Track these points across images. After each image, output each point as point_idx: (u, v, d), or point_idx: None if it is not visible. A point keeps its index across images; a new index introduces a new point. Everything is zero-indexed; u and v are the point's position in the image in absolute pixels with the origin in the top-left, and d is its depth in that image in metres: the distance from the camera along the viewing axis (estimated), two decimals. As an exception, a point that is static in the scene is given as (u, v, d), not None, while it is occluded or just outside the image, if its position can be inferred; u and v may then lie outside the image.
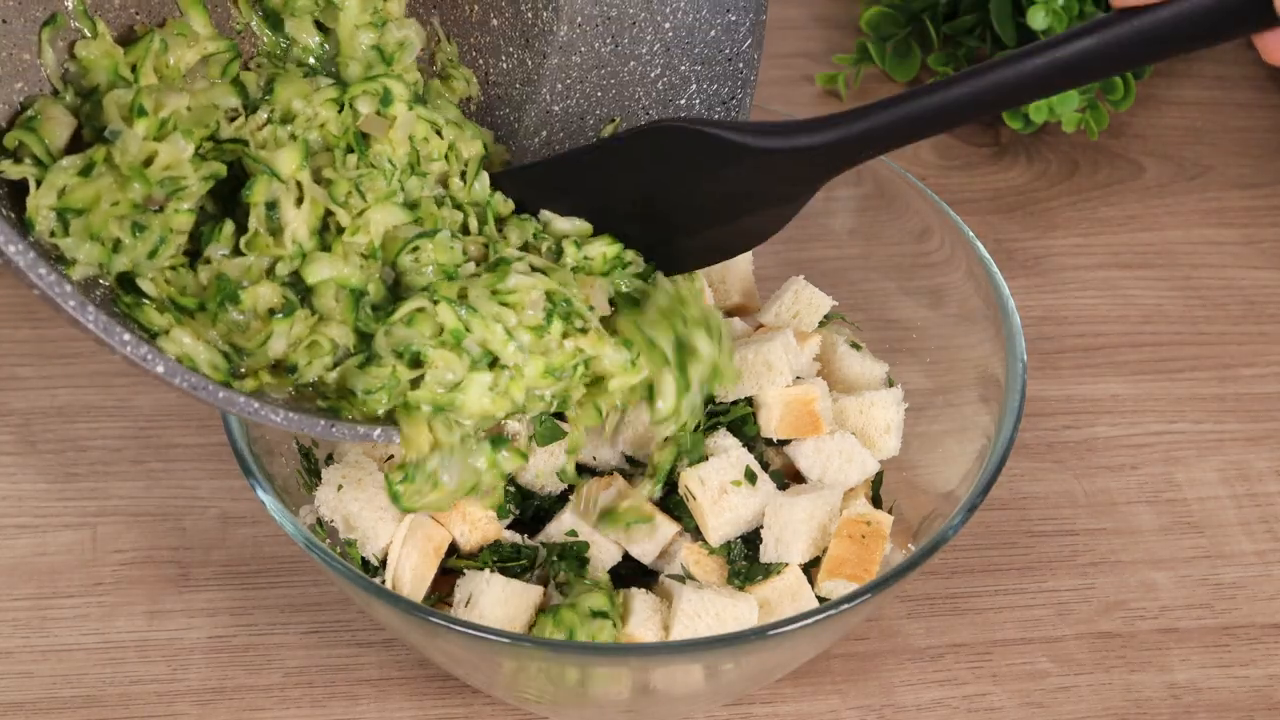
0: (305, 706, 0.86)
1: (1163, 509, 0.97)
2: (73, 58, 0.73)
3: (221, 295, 0.71)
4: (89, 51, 0.73)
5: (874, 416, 0.85)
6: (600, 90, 0.86)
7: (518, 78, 0.86)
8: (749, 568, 0.81)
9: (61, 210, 0.69)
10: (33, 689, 0.86)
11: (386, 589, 0.74)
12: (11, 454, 0.97)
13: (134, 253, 0.70)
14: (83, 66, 0.73)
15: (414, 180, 0.77)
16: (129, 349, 0.64)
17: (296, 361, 0.72)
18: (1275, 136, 1.23)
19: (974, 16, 1.23)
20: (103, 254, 0.70)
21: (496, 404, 0.74)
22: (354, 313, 0.73)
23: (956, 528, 0.76)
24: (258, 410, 0.68)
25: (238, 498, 0.95)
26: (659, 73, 0.85)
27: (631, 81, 0.86)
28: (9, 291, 1.06)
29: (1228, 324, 1.08)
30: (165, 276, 0.71)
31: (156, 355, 0.65)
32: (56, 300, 0.62)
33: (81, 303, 0.63)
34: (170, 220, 0.71)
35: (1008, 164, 1.20)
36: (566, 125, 0.87)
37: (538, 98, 0.86)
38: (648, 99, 0.86)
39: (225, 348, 0.71)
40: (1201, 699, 0.88)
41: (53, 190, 0.69)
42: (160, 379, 0.65)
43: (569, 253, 0.78)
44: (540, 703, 0.81)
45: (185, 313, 0.71)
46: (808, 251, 0.95)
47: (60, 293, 0.62)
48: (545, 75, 0.86)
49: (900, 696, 0.87)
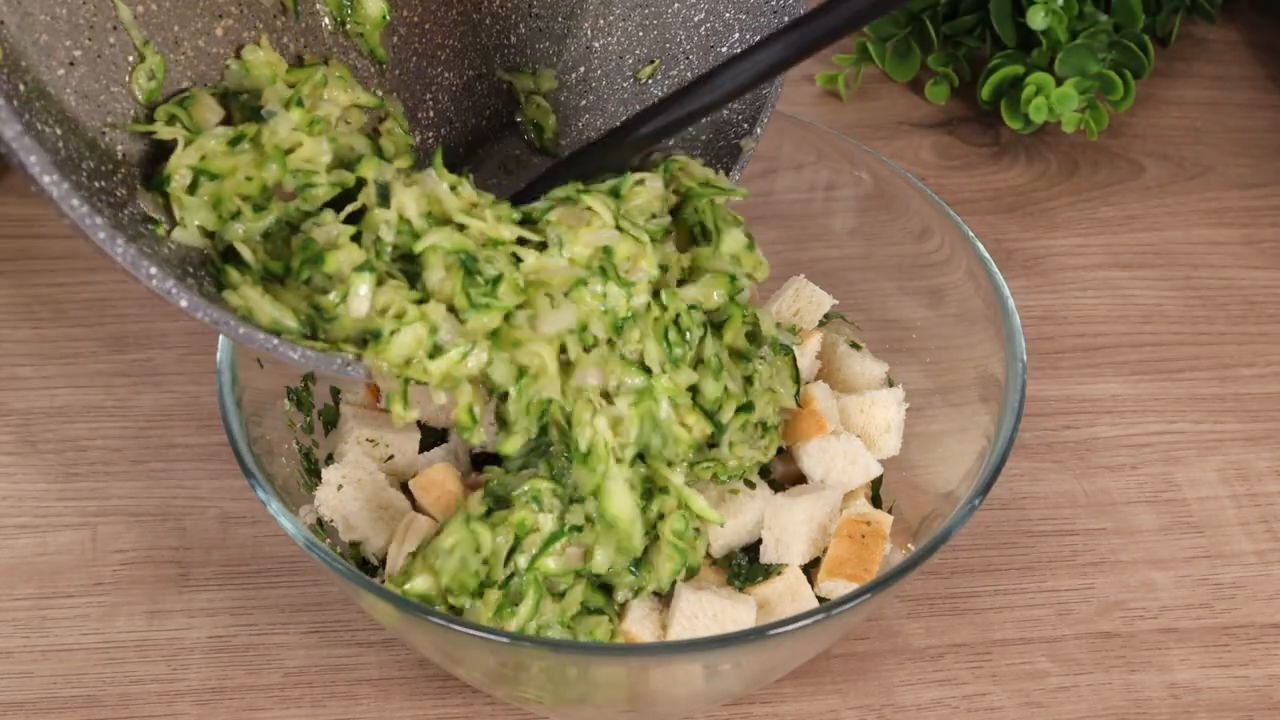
0: (305, 706, 0.86)
1: (1162, 509, 0.97)
2: (238, 58, 0.77)
3: (305, 255, 0.72)
4: (255, 57, 0.77)
5: (874, 416, 0.85)
6: (643, 30, 0.85)
7: (561, 10, 0.86)
8: (749, 568, 0.81)
9: (199, 170, 0.73)
10: (33, 689, 0.86)
11: (387, 589, 0.74)
12: (11, 454, 0.97)
13: (247, 227, 0.73)
14: (245, 67, 0.77)
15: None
16: (154, 282, 0.66)
17: (381, 328, 0.72)
18: (1275, 136, 1.23)
19: (974, 16, 1.23)
20: (217, 222, 0.73)
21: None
22: (464, 288, 0.73)
23: (956, 527, 0.76)
24: (277, 347, 0.69)
25: (238, 498, 0.95)
26: (702, 17, 0.84)
27: (675, 23, 0.85)
28: (9, 291, 1.06)
29: (1227, 324, 1.08)
30: (265, 247, 0.74)
31: (180, 289, 0.66)
32: (87, 231, 0.63)
33: (111, 235, 0.64)
34: (289, 212, 0.74)
35: (1008, 164, 1.20)
36: (605, 63, 0.86)
37: (579, 32, 0.86)
38: (689, 43, 0.85)
39: (308, 310, 0.72)
40: (1201, 699, 0.88)
41: (197, 152, 0.73)
42: (185, 312, 0.67)
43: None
44: (540, 703, 0.81)
45: (274, 279, 0.73)
46: (808, 251, 0.95)
47: (91, 224, 0.63)
48: (588, 9, 0.85)
49: (900, 696, 0.87)
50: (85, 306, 1.05)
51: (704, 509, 0.78)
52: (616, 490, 0.75)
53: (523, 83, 0.87)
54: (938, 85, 1.23)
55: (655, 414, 0.76)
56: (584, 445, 0.74)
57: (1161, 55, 1.29)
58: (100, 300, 1.06)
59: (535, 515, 0.75)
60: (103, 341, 1.03)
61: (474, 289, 0.72)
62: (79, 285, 1.07)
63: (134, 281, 0.66)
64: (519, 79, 0.87)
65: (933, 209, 0.89)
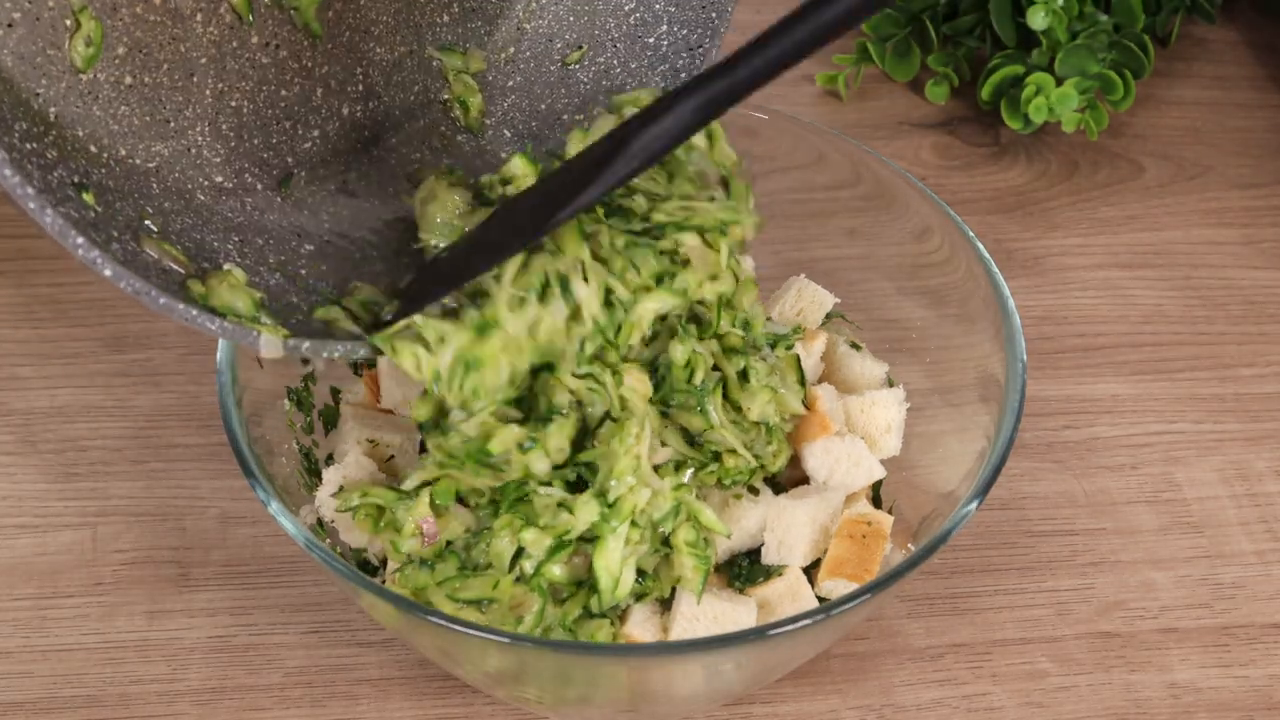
0: (305, 706, 0.86)
1: (1162, 509, 0.97)
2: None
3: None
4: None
5: (875, 416, 0.85)
6: (573, 15, 0.86)
7: None
8: (749, 569, 0.81)
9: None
10: (33, 689, 0.86)
11: (387, 588, 0.74)
12: (11, 454, 0.97)
13: None
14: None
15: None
16: (80, 252, 0.66)
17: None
18: (1275, 136, 1.23)
19: (974, 16, 1.23)
20: None
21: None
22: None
23: (956, 527, 0.76)
24: (195, 317, 0.69)
25: (238, 498, 0.95)
26: (633, 6, 0.86)
27: (605, 11, 0.86)
28: (9, 291, 1.06)
29: (1227, 324, 1.08)
30: None
31: (105, 259, 0.66)
32: (18, 199, 0.64)
33: (42, 205, 0.64)
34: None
35: (1008, 164, 1.20)
36: (534, 45, 0.87)
37: (511, 13, 0.87)
38: (618, 31, 0.86)
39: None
40: (1201, 699, 0.88)
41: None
42: (109, 281, 0.67)
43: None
44: (540, 703, 0.81)
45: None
46: (808, 251, 0.95)
47: (23, 194, 0.64)
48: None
49: (900, 696, 0.87)
50: (85, 306, 1.05)
51: (712, 521, 0.78)
52: (614, 546, 0.76)
53: (452, 61, 0.88)
54: (938, 85, 1.23)
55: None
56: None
57: (1161, 55, 1.28)
58: (100, 300, 1.06)
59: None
60: (103, 341, 1.03)
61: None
62: (79, 285, 1.07)
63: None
64: (449, 58, 0.88)
65: (933, 209, 0.89)
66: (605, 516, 0.75)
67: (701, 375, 0.77)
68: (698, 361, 0.77)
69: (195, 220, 0.77)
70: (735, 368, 0.79)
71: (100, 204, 0.71)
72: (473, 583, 0.76)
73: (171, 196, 0.77)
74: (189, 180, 0.78)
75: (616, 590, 0.76)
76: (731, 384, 0.79)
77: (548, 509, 0.75)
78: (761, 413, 0.79)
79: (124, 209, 0.73)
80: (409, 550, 0.77)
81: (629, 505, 0.75)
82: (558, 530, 0.75)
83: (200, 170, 0.79)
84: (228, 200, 0.80)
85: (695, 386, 0.77)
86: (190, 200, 0.78)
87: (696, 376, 0.77)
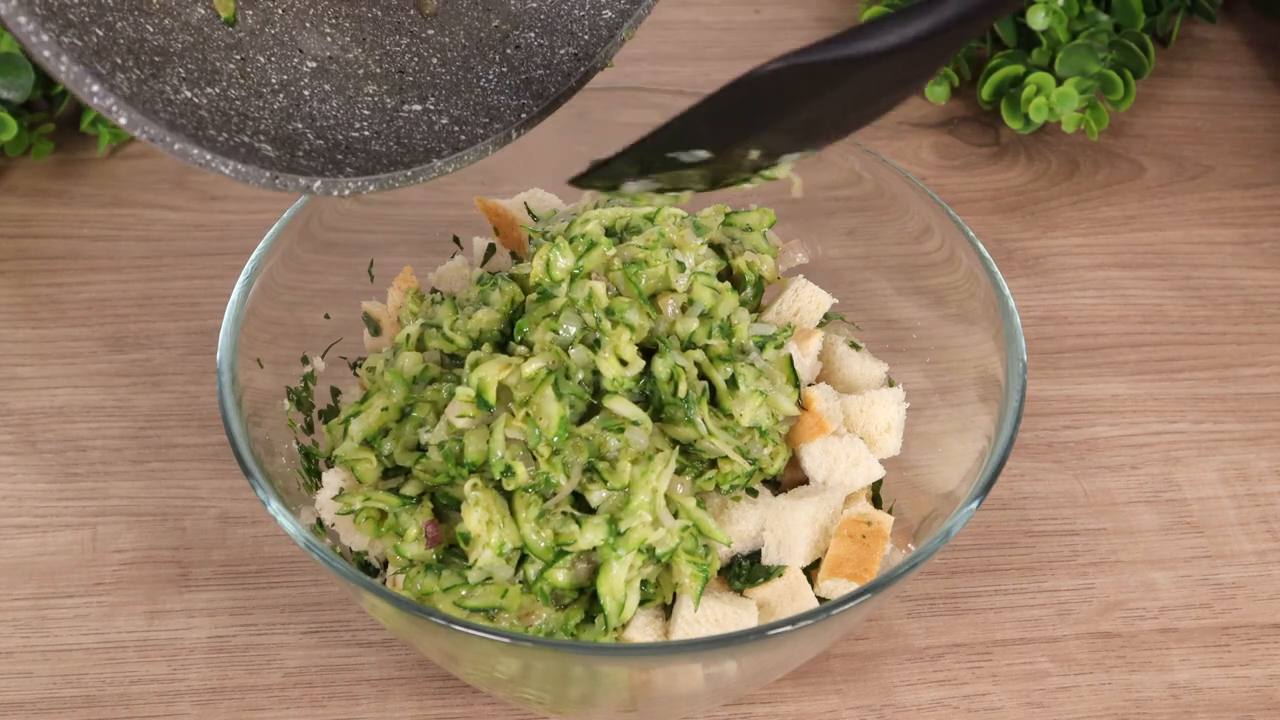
0: (305, 706, 0.86)
1: (1162, 509, 0.97)
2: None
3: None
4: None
5: (875, 416, 0.85)
6: None
7: None
8: (750, 570, 0.81)
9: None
10: (33, 689, 0.86)
11: (387, 589, 0.74)
12: (11, 454, 0.97)
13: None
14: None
15: None
16: (95, 100, 0.66)
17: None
18: (1275, 136, 1.23)
19: (974, 16, 1.23)
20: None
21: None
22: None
23: (956, 528, 0.76)
24: (210, 161, 0.69)
25: (238, 498, 0.95)
26: None
27: None
28: (9, 291, 1.06)
29: (1228, 324, 1.08)
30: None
31: (121, 107, 0.66)
32: (32, 48, 0.64)
33: (56, 52, 0.64)
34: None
35: (1008, 164, 1.20)
36: None
37: None
38: None
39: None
40: (1201, 699, 0.88)
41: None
42: (125, 129, 0.67)
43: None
44: (540, 704, 0.81)
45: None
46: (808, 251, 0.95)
47: (37, 42, 0.64)
48: None
49: (900, 696, 0.87)
50: (85, 306, 1.05)
51: (713, 530, 0.78)
52: (618, 572, 0.77)
53: None
54: (938, 85, 1.23)
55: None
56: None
57: (1161, 55, 1.29)
58: (100, 300, 1.06)
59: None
60: (103, 341, 1.03)
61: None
62: (79, 285, 1.07)
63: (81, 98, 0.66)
64: None
65: (933, 209, 0.89)
66: (612, 544, 0.76)
67: (685, 388, 0.78)
68: (680, 375, 0.78)
69: (195, 39, 0.76)
70: (723, 375, 0.79)
71: (100, 27, 0.71)
72: (480, 590, 0.76)
73: (170, 13, 0.76)
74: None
75: (622, 614, 0.76)
76: (720, 392, 0.79)
77: (556, 515, 0.75)
78: (753, 418, 0.79)
79: (124, 29, 0.72)
80: (413, 555, 0.77)
81: (638, 538, 0.76)
82: (562, 538, 0.75)
83: None
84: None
85: (681, 399, 0.78)
86: (188, 18, 0.77)
87: (680, 389, 0.78)
